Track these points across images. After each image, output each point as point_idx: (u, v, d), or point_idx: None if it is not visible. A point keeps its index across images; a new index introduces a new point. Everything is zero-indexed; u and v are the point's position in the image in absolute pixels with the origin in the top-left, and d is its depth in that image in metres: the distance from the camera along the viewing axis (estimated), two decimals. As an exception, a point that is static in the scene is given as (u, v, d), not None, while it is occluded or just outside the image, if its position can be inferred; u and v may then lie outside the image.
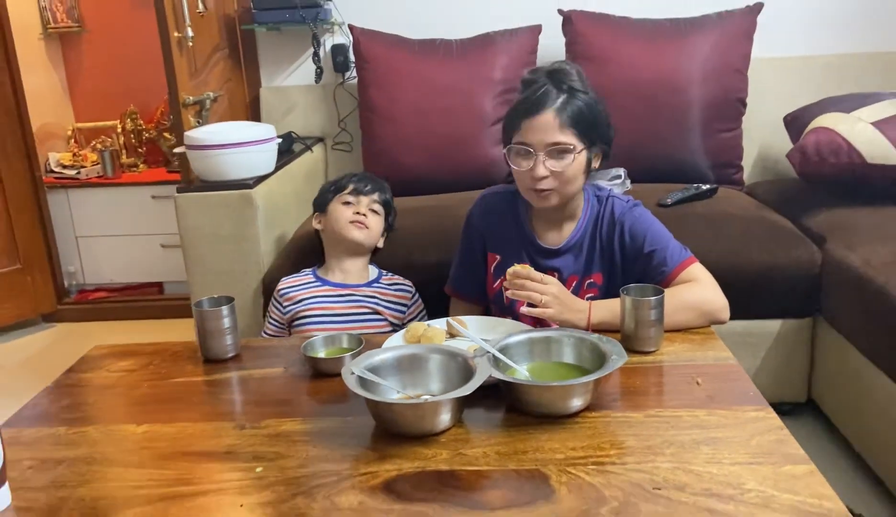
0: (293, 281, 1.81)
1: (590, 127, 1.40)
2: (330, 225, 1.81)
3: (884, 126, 1.95)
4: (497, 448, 1.02)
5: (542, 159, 1.38)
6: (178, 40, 2.27)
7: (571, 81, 1.39)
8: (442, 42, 2.49)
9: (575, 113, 1.38)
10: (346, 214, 1.79)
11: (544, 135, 1.38)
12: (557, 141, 1.37)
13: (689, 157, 2.38)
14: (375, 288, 1.78)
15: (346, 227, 1.77)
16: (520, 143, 1.41)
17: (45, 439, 1.13)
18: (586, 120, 1.39)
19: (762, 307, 1.91)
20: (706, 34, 2.38)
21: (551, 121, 1.37)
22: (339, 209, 1.80)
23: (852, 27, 2.62)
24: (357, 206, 1.81)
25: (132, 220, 3.22)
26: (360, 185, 1.83)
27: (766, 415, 1.07)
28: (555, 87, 1.39)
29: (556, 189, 1.41)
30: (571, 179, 1.41)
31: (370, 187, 1.84)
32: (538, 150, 1.38)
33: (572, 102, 1.38)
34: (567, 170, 1.39)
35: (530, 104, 1.39)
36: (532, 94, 1.40)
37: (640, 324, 1.26)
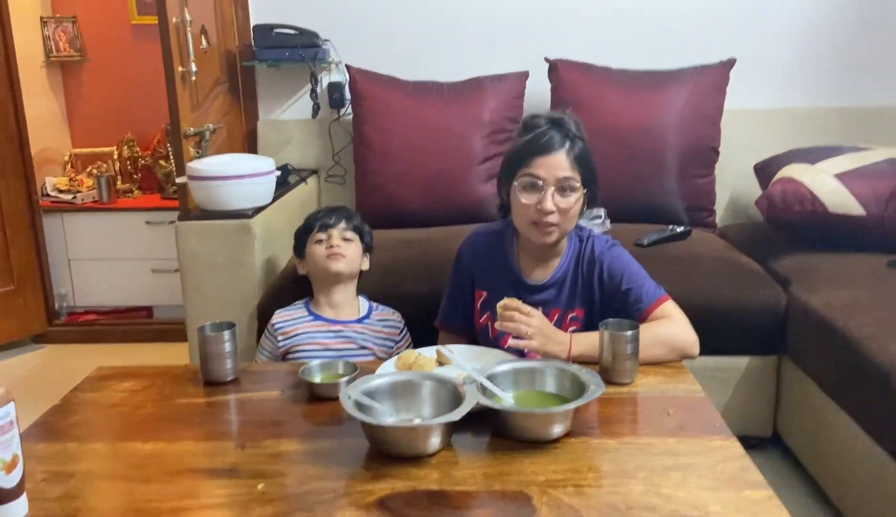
0: (287, 315, 1.85)
1: (589, 172, 1.51)
2: (311, 266, 1.87)
3: (845, 178, 2.08)
4: (483, 470, 1.10)
5: (551, 193, 1.47)
6: (181, 74, 2.36)
7: (571, 129, 1.50)
8: (434, 84, 2.61)
9: (579, 156, 1.49)
10: (321, 251, 1.83)
11: (556, 170, 1.47)
12: (568, 176, 1.47)
13: (666, 200, 2.49)
14: (366, 324, 1.84)
15: (325, 263, 1.81)
16: (531, 175, 1.48)
17: (56, 454, 1.19)
18: (587, 164, 1.50)
19: (731, 344, 2.00)
20: (682, 86, 2.51)
21: (563, 159, 1.47)
22: (314, 249, 1.85)
23: (818, 83, 2.77)
24: (329, 239, 1.84)
25: (125, 244, 3.27)
26: (326, 220, 1.87)
27: (730, 445, 1.15)
28: (559, 132, 1.49)
29: (559, 225, 1.50)
30: (573, 217, 1.51)
31: (334, 218, 1.87)
32: (549, 185, 1.47)
33: (576, 148, 1.49)
34: (572, 207, 1.49)
35: (542, 143, 1.48)
36: (541, 136, 1.49)
37: (617, 357, 1.35)
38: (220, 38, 2.67)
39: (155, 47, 2.35)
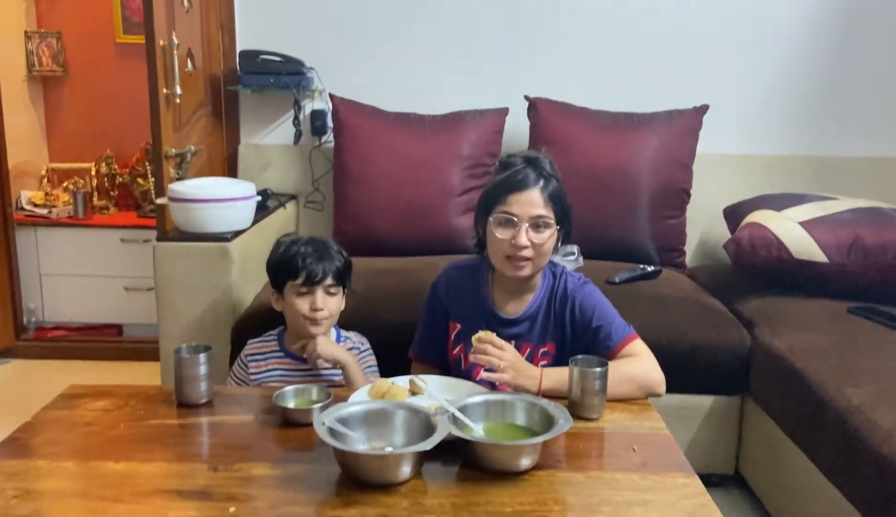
0: (259, 347, 1.77)
1: (562, 209, 1.56)
2: (288, 312, 1.71)
3: (809, 226, 2.16)
4: (452, 499, 1.12)
5: (525, 229, 1.52)
6: (166, 96, 2.38)
7: (545, 168, 1.55)
8: (416, 116, 2.66)
9: (553, 194, 1.54)
10: (303, 308, 1.66)
11: (530, 208, 1.52)
12: (541, 214, 1.52)
13: (637, 240, 2.55)
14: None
15: (303, 325, 1.67)
16: (506, 212, 1.54)
17: (27, 471, 1.19)
18: (560, 202, 1.55)
19: (696, 383, 2.05)
20: (657, 129, 2.59)
21: (537, 196, 1.52)
22: (294, 301, 1.67)
23: (787, 132, 2.87)
24: (312, 298, 1.66)
25: (98, 261, 3.25)
26: (312, 272, 1.65)
27: (691, 482, 1.19)
28: (533, 171, 1.54)
29: (532, 259, 1.54)
30: (546, 253, 1.55)
31: (321, 271, 1.66)
32: (522, 221, 1.52)
33: (550, 186, 1.54)
34: (545, 243, 1.53)
35: (517, 181, 1.54)
36: (516, 174, 1.55)
37: (585, 393, 1.39)
38: (205, 62, 2.70)
39: (138, 66, 2.37)
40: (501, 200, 1.54)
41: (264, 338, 1.81)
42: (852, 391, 1.59)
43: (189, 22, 2.55)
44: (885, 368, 1.68)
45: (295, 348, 1.73)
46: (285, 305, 1.72)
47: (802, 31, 2.81)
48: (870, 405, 1.52)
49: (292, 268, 1.67)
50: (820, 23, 2.80)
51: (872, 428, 1.47)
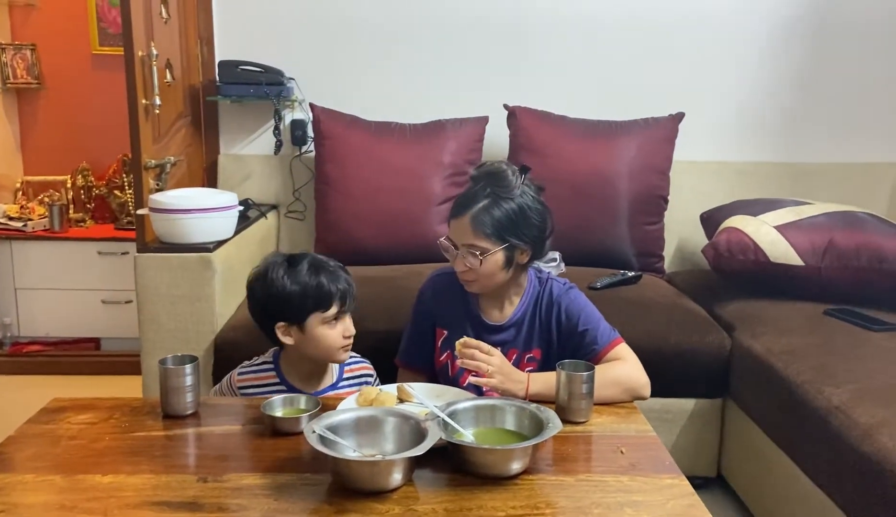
0: (255, 379, 1.63)
1: (507, 231, 1.53)
2: (310, 345, 1.56)
3: (785, 230, 2.20)
4: (445, 505, 1.12)
5: (461, 255, 1.55)
6: (145, 107, 2.36)
7: (502, 186, 1.53)
8: (397, 125, 2.67)
9: (491, 220, 1.52)
10: (336, 339, 1.56)
11: (461, 236, 1.55)
12: (469, 243, 1.54)
13: (617, 246, 2.58)
14: (341, 391, 1.65)
15: (337, 353, 1.58)
16: (447, 238, 1.59)
17: (12, 486, 1.17)
18: (503, 225, 1.52)
19: (677, 387, 2.08)
20: (634, 137, 2.62)
21: (466, 225, 1.53)
22: (323, 332, 1.55)
23: (762, 139, 2.93)
24: (344, 325, 1.57)
25: (75, 274, 3.21)
26: (346, 301, 1.56)
27: (679, 483, 1.21)
28: (483, 190, 1.54)
29: (476, 280, 1.57)
30: (488, 275, 1.56)
31: (350, 296, 1.58)
32: (457, 248, 1.56)
33: (492, 210, 1.52)
34: (480, 268, 1.54)
35: (456, 206, 1.57)
36: (463, 195, 1.57)
37: (572, 397, 1.40)
38: (184, 73, 2.69)
39: (115, 77, 2.35)
40: (448, 223, 1.59)
41: (258, 366, 1.66)
42: (831, 391, 1.62)
43: (168, 32, 2.54)
44: (863, 368, 1.71)
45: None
46: (306, 338, 1.55)
47: (775, 40, 2.87)
48: (849, 404, 1.55)
49: (321, 298, 1.53)
50: (792, 31, 2.86)
51: (852, 427, 1.50)
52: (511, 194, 1.53)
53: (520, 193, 1.54)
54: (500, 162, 1.60)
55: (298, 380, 1.63)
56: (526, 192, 1.56)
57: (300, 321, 1.54)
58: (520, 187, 1.55)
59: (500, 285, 1.60)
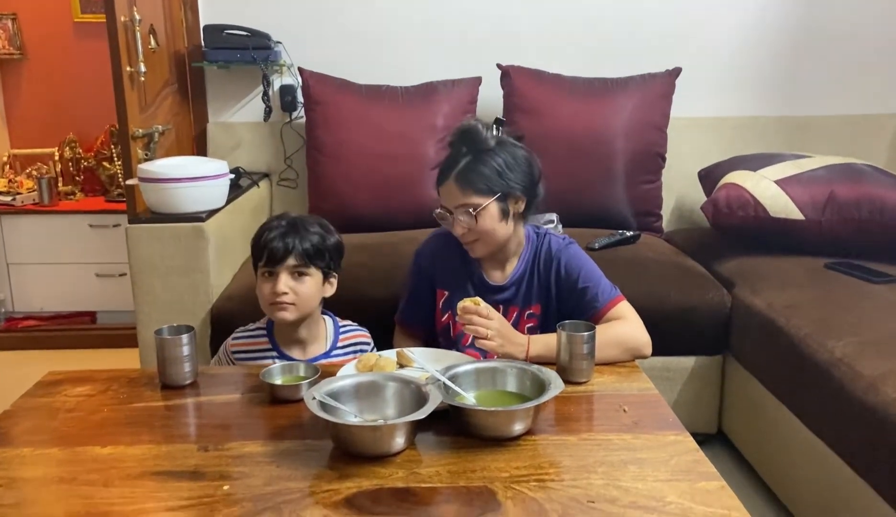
0: (248, 344, 1.63)
1: (493, 182, 1.52)
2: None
3: (785, 184, 2.18)
4: (448, 467, 1.12)
5: (456, 219, 1.54)
6: (129, 74, 2.31)
7: (476, 141, 1.53)
8: (388, 88, 2.62)
9: (472, 173, 1.51)
10: (265, 293, 1.54)
11: (452, 199, 1.55)
12: (461, 204, 1.53)
13: (615, 206, 2.56)
14: (334, 358, 1.64)
15: (269, 310, 1.56)
16: (441, 206, 1.58)
17: (10, 460, 1.16)
18: (487, 177, 1.51)
19: (678, 345, 2.07)
20: (630, 94, 2.58)
21: (453, 187, 1.53)
22: (259, 284, 1.55)
23: (759, 93, 2.89)
24: (274, 281, 1.52)
25: (67, 248, 3.18)
26: (276, 250, 1.50)
27: (683, 439, 1.20)
28: (458, 149, 1.54)
29: (478, 240, 1.56)
30: (488, 231, 1.54)
31: (283, 248, 1.51)
32: (451, 212, 1.55)
33: (474, 165, 1.52)
34: (479, 225, 1.53)
35: (440, 174, 1.57)
36: (444, 161, 1.57)
37: (574, 357, 1.39)
38: (168, 39, 2.63)
39: (98, 46, 2.30)
40: (438, 193, 1.59)
41: (251, 332, 1.65)
42: (834, 344, 1.62)
43: (150, -3, 2.47)
44: (865, 320, 1.71)
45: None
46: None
47: (771, -8, 2.82)
48: (852, 356, 1.55)
49: (259, 246, 1.54)
50: (788, -17, 2.81)
51: (856, 378, 1.49)
52: (488, 146, 1.53)
53: (496, 143, 1.54)
54: (470, 118, 1.62)
55: (290, 345, 1.63)
56: (504, 140, 1.55)
57: (255, 271, 1.60)
58: (495, 138, 1.54)
59: (502, 242, 1.59)
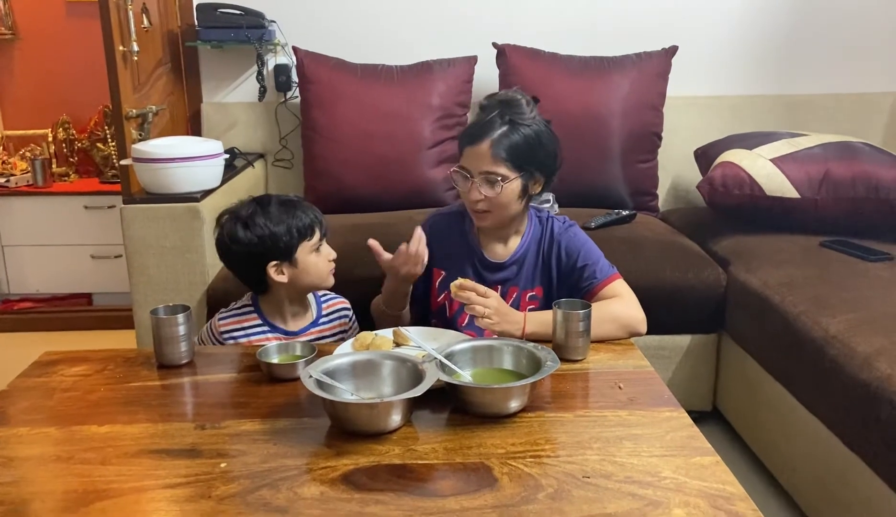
0: (236, 322, 1.63)
1: (525, 158, 1.51)
2: (302, 276, 1.59)
3: (780, 162, 2.18)
4: (445, 444, 1.12)
5: (477, 184, 1.51)
6: (122, 54, 2.30)
7: (517, 113, 1.51)
8: (383, 67, 2.60)
9: (510, 146, 1.49)
10: (325, 264, 1.61)
11: (479, 163, 1.51)
12: (489, 170, 1.50)
13: (611, 185, 2.56)
14: (320, 326, 1.69)
15: (328, 277, 1.62)
16: (461, 167, 1.54)
17: (7, 439, 1.16)
18: (521, 152, 1.50)
19: (673, 323, 2.09)
20: (626, 73, 2.57)
21: (485, 151, 1.49)
22: (312, 259, 1.59)
23: (755, 72, 2.88)
24: (327, 250, 1.63)
25: (62, 229, 3.17)
26: (322, 223, 1.63)
27: (678, 415, 1.21)
28: (500, 117, 1.50)
29: (490, 211, 1.54)
30: (504, 205, 1.53)
31: (325, 224, 1.65)
32: (474, 176, 1.52)
33: (511, 135, 1.49)
34: (498, 197, 1.51)
35: (473, 133, 1.52)
36: (479, 121, 1.53)
37: (569, 335, 1.39)
38: (161, 18, 2.61)
39: (90, 26, 2.29)
40: (461, 152, 1.55)
41: (238, 310, 1.66)
42: (829, 321, 1.62)
43: (142, -25, 2.45)
44: (859, 298, 1.71)
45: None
46: (299, 271, 1.58)
47: (768, -31, 2.80)
48: (847, 333, 1.56)
49: (304, 227, 1.58)
50: (785, -40, 2.79)
51: (850, 355, 1.50)
52: (527, 121, 1.51)
53: (535, 120, 1.52)
54: (513, 90, 1.58)
55: (280, 319, 1.64)
56: (539, 120, 1.54)
57: (290, 256, 1.57)
58: (535, 114, 1.53)
59: (510, 219, 1.58)
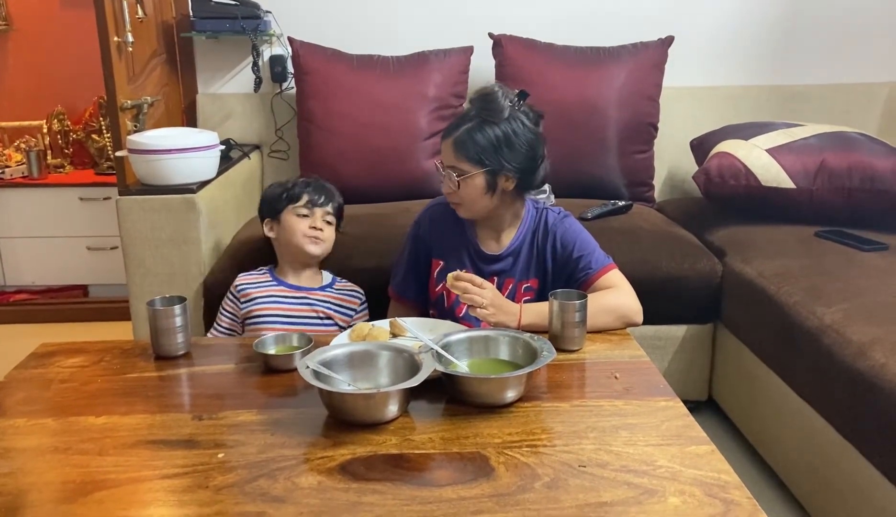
0: (251, 278, 1.83)
1: (488, 155, 1.49)
2: (284, 235, 1.80)
3: (776, 153, 2.18)
4: (441, 434, 1.13)
5: (447, 176, 1.55)
6: (117, 45, 2.28)
7: (489, 110, 1.50)
8: (379, 58, 2.59)
9: (471, 142, 1.50)
10: (302, 227, 1.78)
11: (446, 157, 1.55)
12: (450, 165, 1.54)
13: (607, 176, 2.55)
14: (329, 292, 1.83)
15: (302, 241, 1.78)
16: (439, 160, 1.59)
17: (4, 430, 1.16)
18: (483, 149, 1.49)
19: (669, 313, 2.09)
20: (623, 63, 2.57)
21: (450, 146, 1.53)
22: (293, 221, 1.79)
23: (751, 63, 2.87)
24: (312, 219, 1.80)
25: (57, 221, 3.16)
26: (314, 197, 1.81)
27: (674, 405, 1.22)
28: (471, 111, 1.53)
29: (461, 204, 1.56)
30: (470, 199, 1.54)
31: (324, 199, 1.82)
32: (444, 169, 1.55)
33: (475, 133, 1.50)
34: (461, 190, 1.53)
35: (447, 128, 1.57)
36: (456, 117, 1.57)
37: (565, 325, 1.40)
38: (156, 8, 2.60)
39: (84, 16, 2.28)
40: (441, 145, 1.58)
41: (256, 271, 1.87)
42: (824, 311, 1.63)
43: (137, -35, 2.43)
44: (854, 288, 1.72)
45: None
46: (281, 230, 1.81)
47: (765, -41, 2.79)
48: (842, 323, 1.56)
49: (294, 193, 1.81)
50: (782, -50, 2.78)
51: (845, 344, 1.51)
52: (497, 118, 1.50)
53: (508, 117, 1.50)
54: (495, 84, 1.57)
55: (291, 277, 1.83)
56: (517, 117, 1.51)
57: (277, 215, 1.82)
58: (509, 111, 1.51)
59: (490, 212, 1.58)
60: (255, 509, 0.96)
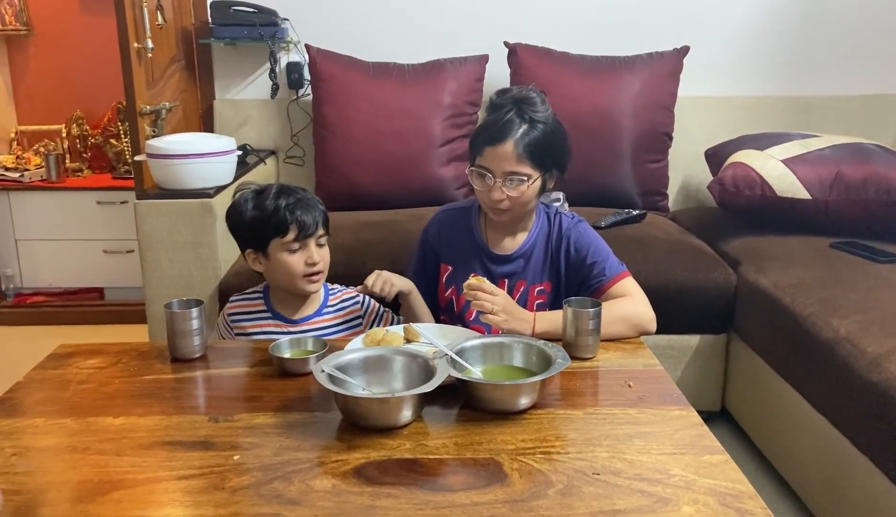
0: (243, 305, 1.64)
1: (545, 156, 1.51)
2: (277, 274, 1.56)
3: (792, 163, 2.17)
4: (455, 439, 1.13)
5: (499, 185, 1.50)
6: (137, 51, 2.31)
7: (534, 111, 1.50)
8: (395, 66, 2.61)
9: (533, 144, 1.48)
10: (298, 267, 1.53)
11: (503, 163, 1.49)
12: (514, 171, 1.49)
13: (621, 185, 2.56)
14: (325, 316, 1.65)
15: (301, 282, 1.55)
16: (481, 166, 1.52)
17: (24, 429, 1.18)
18: (542, 150, 1.50)
19: (683, 323, 2.08)
20: (638, 72, 2.57)
21: (510, 151, 1.48)
22: (285, 259, 1.53)
23: (767, 73, 2.87)
24: (306, 252, 1.54)
25: (75, 224, 3.20)
26: (303, 224, 1.51)
27: (688, 414, 1.21)
28: (518, 116, 1.49)
29: (511, 209, 1.54)
30: (526, 201, 1.54)
31: (312, 222, 1.53)
32: (496, 176, 1.50)
33: (531, 134, 1.49)
34: (522, 195, 1.51)
35: (494, 132, 1.49)
36: (497, 120, 1.50)
37: (579, 333, 1.40)
38: (176, 15, 2.63)
39: (104, 22, 2.31)
40: (479, 152, 1.52)
41: (248, 295, 1.67)
42: (839, 322, 1.62)
43: (157, -27, 2.47)
44: (869, 299, 1.71)
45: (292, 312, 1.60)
46: (271, 265, 1.55)
47: (781, -30, 2.79)
48: (857, 335, 1.55)
49: (279, 223, 1.51)
50: (798, -40, 2.78)
51: (860, 356, 1.50)
52: (543, 117, 1.51)
53: (549, 116, 1.52)
54: (524, 87, 1.56)
55: (284, 308, 1.63)
56: (551, 115, 1.53)
57: (263, 248, 1.55)
58: (548, 110, 1.53)
59: (527, 214, 1.59)
60: (271, 511, 0.96)
